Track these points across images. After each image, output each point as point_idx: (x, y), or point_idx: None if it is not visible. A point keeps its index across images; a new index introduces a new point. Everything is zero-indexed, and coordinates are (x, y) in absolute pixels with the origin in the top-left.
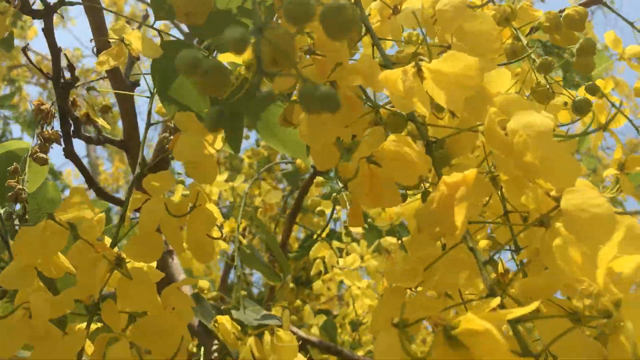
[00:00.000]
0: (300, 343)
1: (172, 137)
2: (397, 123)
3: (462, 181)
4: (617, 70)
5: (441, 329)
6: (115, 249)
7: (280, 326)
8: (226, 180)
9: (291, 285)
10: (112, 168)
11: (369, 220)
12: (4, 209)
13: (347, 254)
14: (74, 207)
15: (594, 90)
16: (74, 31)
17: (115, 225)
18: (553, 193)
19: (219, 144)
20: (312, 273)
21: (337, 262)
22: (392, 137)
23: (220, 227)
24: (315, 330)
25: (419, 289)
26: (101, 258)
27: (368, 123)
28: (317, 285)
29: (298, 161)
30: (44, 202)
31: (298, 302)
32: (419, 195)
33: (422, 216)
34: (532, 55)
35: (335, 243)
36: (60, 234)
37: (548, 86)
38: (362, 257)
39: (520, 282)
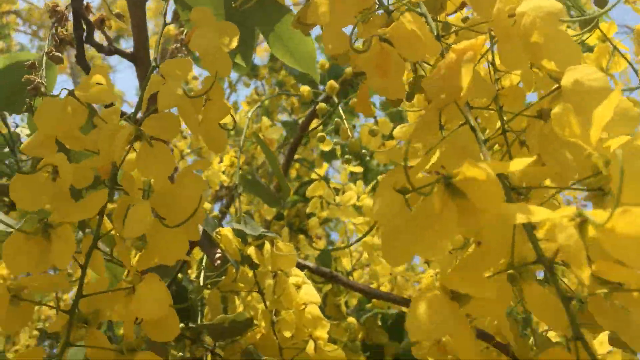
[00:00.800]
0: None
1: (184, 47)
2: None
3: (470, 46)
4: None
5: (441, 178)
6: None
7: (280, 238)
8: None
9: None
10: None
11: (367, 159)
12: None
13: (343, 193)
14: (95, 87)
15: None
16: None
17: (132, 112)
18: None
19: (234, 43)
20: (308, 211)
21: (334, 200)
22: (407, 15)
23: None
24: (311, 260)
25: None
26: (124, 126)
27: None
28: (312, 221)
29: (302, 88)
30: None
31: None
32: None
33: (429, 83)
34: None
35: (332, 183)
36: (80, 111)
37: None
38: (358, 197)
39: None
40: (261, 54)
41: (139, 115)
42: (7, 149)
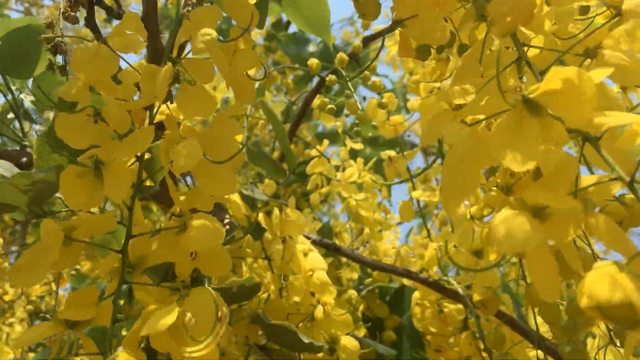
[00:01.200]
0: None
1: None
2: None
3: None
4: None
5: (519, 96)
6: None
7: (287, 205)
8: None
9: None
10: None
11: (370, 135)
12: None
13: (343, 171)
14: (125, 36)
15: None
16: None
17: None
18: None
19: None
20: (308, 188)
21: (335, 176)
22: None
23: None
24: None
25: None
26: (166, 66)
27: None
28: (313, 197)
29: (310, 61)
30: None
31: None
32: (432, 97)
33: (495, 8)
34: None
35: (333, 160)
36: (112, 59)
37: None
38: (359, 174)
39: None
40: (255, 36)
41: None
42: (11, 115)
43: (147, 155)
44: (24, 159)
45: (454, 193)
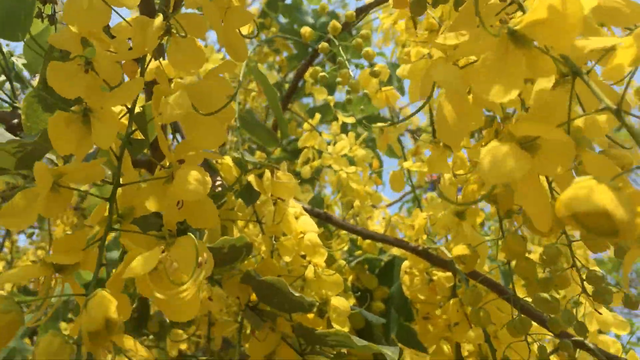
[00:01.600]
0: None
1: None
2: None
3: None
4: None
5: (505, 29)
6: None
7: (279, 169)
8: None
9: None
10: None
11: (362, 108)
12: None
13: (334, 145)
14: None
15: None
16: None
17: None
18: None
19: None
20: (300, 161)
21: (327, 149)
22: None
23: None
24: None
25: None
26: (157, 17)
27: None
28: (304, 170)
29: (303, 29)
30: None
31: None
32: (422, 61)
33: None
34: None
35: (325, 135)
36: (104, 11)
37: None
38: (350, 148)
39: None
40: None
41: None
42: (2, 77)
43: (138, 109)
44: (15, 121)
45: (448, 134)
